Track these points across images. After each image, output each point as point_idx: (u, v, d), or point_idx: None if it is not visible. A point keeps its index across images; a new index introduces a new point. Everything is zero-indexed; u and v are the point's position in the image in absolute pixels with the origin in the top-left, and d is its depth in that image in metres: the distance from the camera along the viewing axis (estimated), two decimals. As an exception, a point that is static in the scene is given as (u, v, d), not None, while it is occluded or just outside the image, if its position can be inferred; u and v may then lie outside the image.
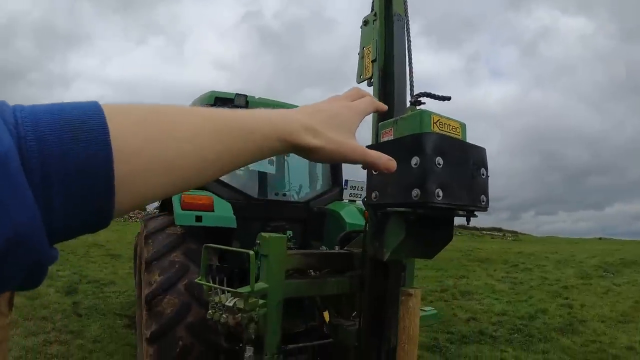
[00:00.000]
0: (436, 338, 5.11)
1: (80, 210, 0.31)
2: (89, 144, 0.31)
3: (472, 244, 17.29)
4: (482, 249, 14.89)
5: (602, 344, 4.97)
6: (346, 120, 0.53)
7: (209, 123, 0.40)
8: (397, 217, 1.86)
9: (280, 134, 0.45)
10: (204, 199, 2.84)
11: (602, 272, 10.04)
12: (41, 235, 0.29)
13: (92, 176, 0.31)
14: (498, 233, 25.60)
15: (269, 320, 1.93)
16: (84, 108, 0.32)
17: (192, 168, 0.39)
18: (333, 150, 0.50)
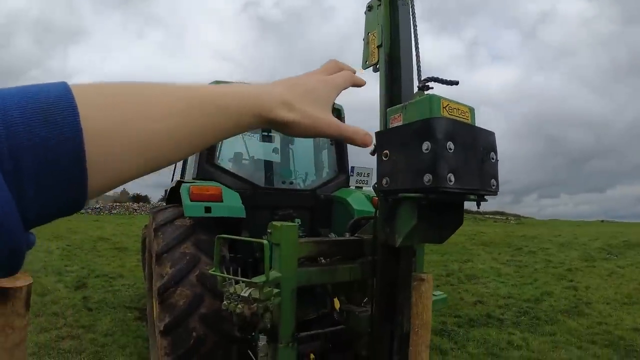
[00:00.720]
0: (444, 322, 5.16)
1: (53, 193, 0.31)
2: (59, 127, 0.30)
3: (475, 227, 17.35)
4: (486, 233, 14.95)
5: (607, 325, 5.01)
6: (322, 94, 0.53)
7: (182, 101, 0.40)
8: (409, 202, 1.87)
9: (255, 109, 0.45)
10: (213, 190, 2.83)
11: (606, 254, 10.09)
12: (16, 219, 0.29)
13: (64, 159, 0.30)
14: (501, 217, 25.71)
15: (283, 308, 1.95)
16: (52, 89, 0.32)
17: (166, 147, 0.38)
18: (308, 125, 0.50)
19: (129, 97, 0.37)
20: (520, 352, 4.22)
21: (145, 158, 0.37)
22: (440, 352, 4.20)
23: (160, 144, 0.37)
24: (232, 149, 3.85)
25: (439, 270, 8.54)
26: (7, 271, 0.32)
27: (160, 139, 0.37)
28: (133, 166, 0.36)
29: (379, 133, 2.01)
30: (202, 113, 0.41)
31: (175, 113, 0.38)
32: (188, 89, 0.41)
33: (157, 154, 0.38)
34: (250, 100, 0.45)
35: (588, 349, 4.28)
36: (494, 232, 15.51)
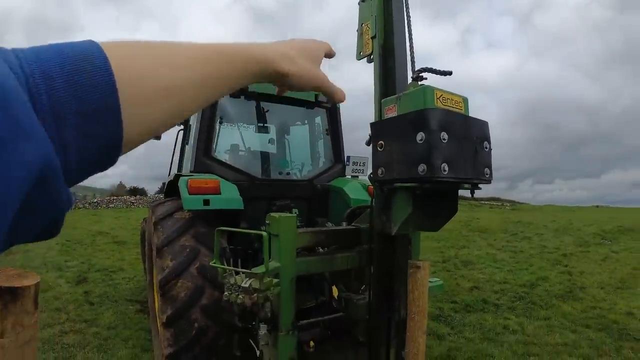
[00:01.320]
0: (441, 308, 5.24)
1: (92, 142, 0.32)
2: (92, 75, 0.32)
3: (471, 214, 17.45)
4: (482, 219, 15.05)
5: (601, 309, 5.09)
6: (315, 51, 0.61)
7: (198, 52, 0.43)
8: (404, 192, 1.91)
9: (259, 59, 0.50)
10: (211, 183, 2.86)
11: (600, 239, 10.20)
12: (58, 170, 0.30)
13: (99, 104, 0.32)
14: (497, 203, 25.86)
15: (283, 298, 1.99)
16: (82, 44, 0.34)
17: (189, 94, 0.41)
18: (303, 76, 0.56)
19: (152, 49, 0.40)
20: (516, 337, 4.30)
21: (171, 103, 0.40)
22: (437, 337, 4.28)
23: (184, 91, 0.41)
24: (229, 141, 3.87)
25: (436, 257, 8.62)
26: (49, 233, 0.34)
27: (184, 87, 0.40)
28: (161, 111, 0.39)
29: (374, 124, 2.04)
30: (215, 61, 0.45)
31: (193, 62, 0.42)
32: (200, 44, 0.45)
33: (182, 101, 0.41)
34: (254, 51, 0.50)
35: (582, 333, 4.36)
36: (490, 219, 15.61)
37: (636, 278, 6.52)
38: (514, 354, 3.88)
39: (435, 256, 8.72)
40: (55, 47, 0.32)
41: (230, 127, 3.85)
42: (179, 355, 2.63)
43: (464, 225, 13.24)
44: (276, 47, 0.54)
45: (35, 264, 7.51)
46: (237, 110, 3.78)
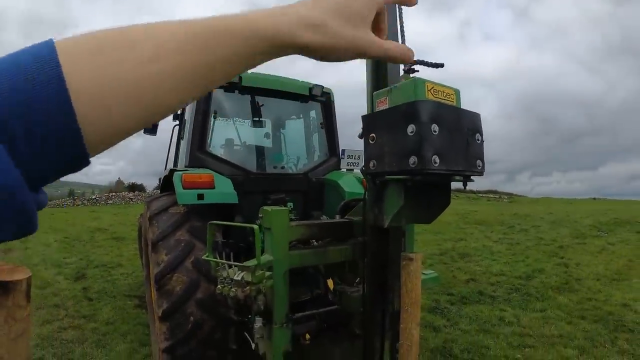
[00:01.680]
0: (437, 300, 5.27)
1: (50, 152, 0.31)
2: (44, 85, 0.30)
3: (468, 207, 17.49)
4: (479, 212, 15.09)
5: (597, 301, 5.12)
6: (359, 8, 0.44)
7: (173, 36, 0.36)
8: (396, 184, 1.92)
9: (267, 33, 0.39)
10: (205, 177, 2.87)
11: (597, 231, 10.23)
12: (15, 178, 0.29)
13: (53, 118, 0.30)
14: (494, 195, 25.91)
15: (276, 290, 2.01)
16: (36, 49, 0.31)
17: (164, 90, 0.35)
18: (342, 47, 0.43)
19: (115, 41, 0.34)
20: (512, 328, 4.33)
21: (142, 105, 0.35)
22: (434, 329, 4.31)
23: (157, 87, 0.35)
24: (223, 136, 3.88)
25: (433, 249, 8.66)
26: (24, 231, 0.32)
27: (156, 82, 0.35)
28: (131, 115, 0.34)
29: (365, 117, 2.05)
30: (201, 48, 0.36)
31: (166, 52, 0.35)
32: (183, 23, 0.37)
33: (155, 99, 0.35)
34: (261, 24, 0.39)
35: (578, 325, 4.39)
36: (487, 211, 15.65)
37: (632, 270, 6.56)
38: (510, 346, 3.92)
39: (432, 248, 8.75)
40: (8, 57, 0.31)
41: (225, 121, 3.85)
42: (175, 349, 2.65)
43: (461, 217, 13.28)
44: (292, 11, 0.40)
45: (34, 261, 7.53)
46: (231, 104, 3.78)
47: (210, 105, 3.48)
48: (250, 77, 3.54)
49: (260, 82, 3.59)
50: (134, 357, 3.68)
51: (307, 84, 3.84)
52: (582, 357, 3.65)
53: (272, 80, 3.69)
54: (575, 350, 3.77)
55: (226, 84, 3.48)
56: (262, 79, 3.62)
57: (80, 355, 3.65)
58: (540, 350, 3.81)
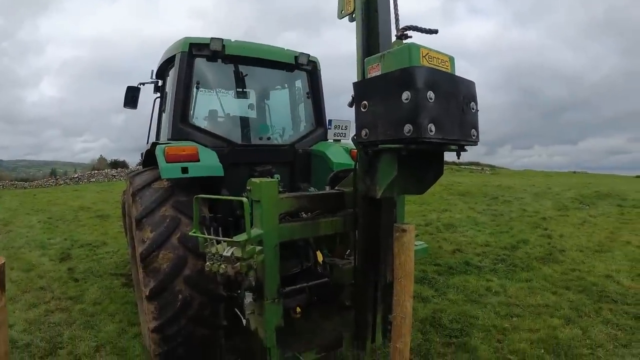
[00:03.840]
0: (424, 270, 5.32)
1: None
2: None
3: (452, 178, 17.58)
4: (462, 183, 15.13)
5: (581, 272, 5.21)
6: None
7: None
8: (389, 154, 1.85)
9: None
10: (188, 150, 2.77)
11: (578, 204, 10.37)
12: None
13: None
14: (477, 167, 26.16)
15: (267, 265, 1.95)
16: None
17: None
18: None
19: None
20: (499, 298, 4.40)
21: None
22: (422, 300, 4.35)
23: None
24: (207, 107, 3.75)
25: (418, 220, 8.69)
26: None
27: None
28: None
29: (356, 83, 1.97)
30: None
31: None
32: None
33: None
34: None
35: (562, 295, 4.48)
36: (470, 183, 15.65)
37: (613, 242, 6.66)
38: (497, 315, 3.98)
39: (417, 220, 8.78)
40: None
41: (209, 93, 3.72)
42: (164, 328, 2.60)
43: (445, 188, 13.31)
44: None
45: (17, 244, 7.35)
46: (214, 75, 3.64)
47: (193, 75, 3.34)
48: (234, 46, 3.40)
49: (244, 50, 3.45)
50: (123, 337, 3.63)
51: (293, 52, 3.71)
52: (569, 326, 3.73)
53: (256, 48, 3.55)
54: (562, 319, 3.84)
55: (209, 52, 3.34)
56: (246, 47, 3.48)
57: (68, 338, 3.59)
58: (527, 319, 3.87)
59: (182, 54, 3.29)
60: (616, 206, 9.85)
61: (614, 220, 8.33)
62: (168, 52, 3.67)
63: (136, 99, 4.61)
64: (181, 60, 3.29)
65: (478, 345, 3.38)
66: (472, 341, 3.44)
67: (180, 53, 3.30)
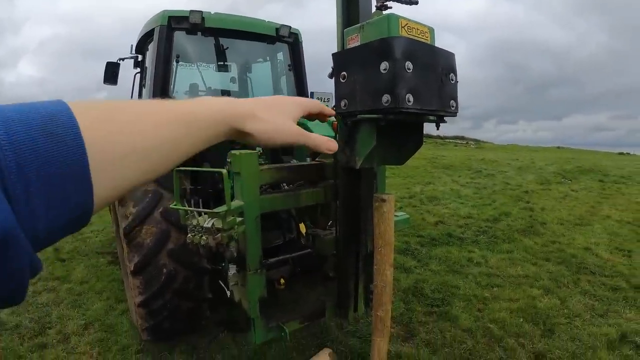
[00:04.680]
0: (407, 242, 5.41)
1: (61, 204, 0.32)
2: (61, 139, 0.31)
3: (436, 151, 17.68)
4: (447, 157, 15.23)
5: (561, 244, 5.35)
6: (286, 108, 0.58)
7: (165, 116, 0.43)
8: (368, 124, 1.86)
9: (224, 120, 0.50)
10: None
11: (561, 178, 10.54)
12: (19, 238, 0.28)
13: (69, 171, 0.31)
14: (461, 141, 26.29)
15: (249, 236, 1.97)
16: (51, 105, 0.33)
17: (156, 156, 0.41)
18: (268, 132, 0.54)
19: (121, 111, 0.39)
20: (480, 269, 4.52)
21: (141, 166, 0.39)
22: (404, 270, 4.45)
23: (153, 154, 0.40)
24: (187, 81, 3.68)
25: (402, 193, 8.77)
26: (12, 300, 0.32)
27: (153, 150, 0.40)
28: (131, 174, 0.38)
29: (336, 54, 1.95)
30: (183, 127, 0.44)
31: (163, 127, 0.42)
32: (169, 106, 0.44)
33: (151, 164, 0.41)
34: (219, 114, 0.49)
35: (543, 266, 4.61)
36: (455, 156, 15.74)
37: (593, 216, 6.82)
38: (478, 285, 4.10)
39: (401, 192, 8.86)
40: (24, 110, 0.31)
41: (189, 66, 3.66)
42: (150, 302, 2.63)
43: (429, 162, 13.40)
44: (240, 104, 0.52)
45: None
46: (195, 48, 3.57)
47: (172, 49, 3.27)
48: (214, 18, 3.33)
49: (225, 22, 3.37)
50: (111, 314, 3.65)
51: (274, 24, 3.64)
52: (547, 296, 3.85)
53: (237, 20, 3.48)
54: (541, 290, 3.97)
55: (188, 25, 3.26)
56: (226, 19, 3.41)
57: (57, 318, 3.60)
58: (508, 289, 3.99)
59: (160, 27, 3.21)
60: (598, 181, 10.06)
61: (595, 195, 8.52)
62: (147, 25, 3.58)
63: (116, 75, 4.50)
64: (160, 33, 3.21)
65: (459, 314, 3.48)
66: (453, 310, 3.54)
67: (159, 27, 3.22)
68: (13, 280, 0.30)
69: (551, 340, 3.10)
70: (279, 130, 0.55)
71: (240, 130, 0.52)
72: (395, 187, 9.37)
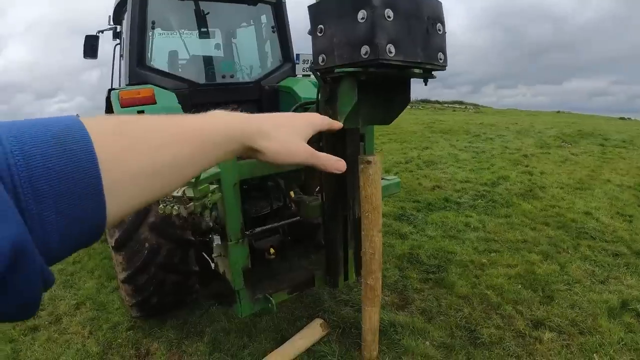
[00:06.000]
0: (403, 207, 5.32)
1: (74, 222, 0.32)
2: (75, 155, 0.31)
3: (434, 116, 17.43)
4: (445, 121, 15.00)
5: (560, 208, 5.22)
6: (298, 127, 0.59)
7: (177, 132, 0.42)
8: (348, 79, 1.72)
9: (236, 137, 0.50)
10: (144, 92, 2.60)
11: (560, 142, 10.37)
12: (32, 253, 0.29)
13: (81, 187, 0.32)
14: (460, 106, 25.97)
15: (227, 204, 1.87)
16: (65, 121, 0.33)
17: (169, 172, 0.41)
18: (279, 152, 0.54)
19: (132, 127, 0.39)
20: (477, 234, 4.43)
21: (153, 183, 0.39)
22: (400, 236, 4.38)
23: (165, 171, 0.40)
24: (166, 48, 3.52)
25: (398, 158, 8.62)
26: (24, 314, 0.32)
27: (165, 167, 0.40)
28: (143, 191, 0.39)
29: (311, 6, 1.80)
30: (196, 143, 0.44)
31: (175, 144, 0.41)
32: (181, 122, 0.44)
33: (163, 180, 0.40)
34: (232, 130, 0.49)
35: (542, 230, 4.50)
36: (453, 121, 15.46)
37: (594, 180, 6.66)
38: (475, 251, 4.02)
39: (397, 157, 8.72)
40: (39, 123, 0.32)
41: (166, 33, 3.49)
42: (134, 278, 2.57)
43: (427, 126, 13.15)
44: (253, 121, 0.53)
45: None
46: (171, 13, 3.39)
47: (147, 15, 3.10)
48: None
49: None
50: (102, 292, 3.62)
51: None
52: (546, 262, 3.77)
53: None
54: (540, 255, 3.88)
55: None
56: None
57: (49, 299, 3.56)
58: (506, 255, 3.91)
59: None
60: (598, 145, 9.89)
61: (595, 159, 8.36)
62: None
63: (95, 49, 4.32)
64: (134, 0, 3.05)
65: (455, 280, 3.42)
66: (450, 277, 3.48)
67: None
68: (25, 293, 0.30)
69: (550, 307, 3.04)
70: (289, 150, 0.55)
71: (251, 147, 0.52)
72: (391, 152, 9.23)
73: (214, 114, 0.50)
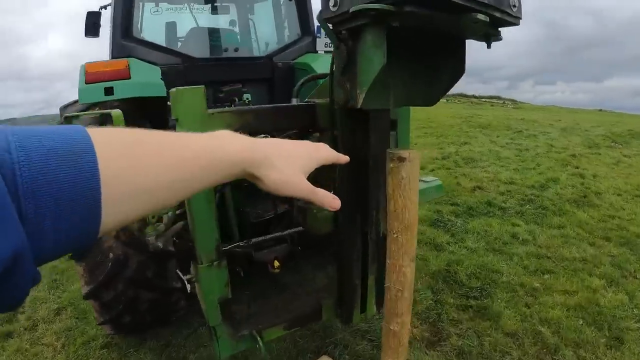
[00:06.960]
0: (439, 211, 4.66)
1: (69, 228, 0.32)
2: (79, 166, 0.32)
3: (471, 110, 16.49)
4: (483, 116, 14.08)
5: (621, 220, 4.46)
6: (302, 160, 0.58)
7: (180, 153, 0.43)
8: (373, 30, 1.10)
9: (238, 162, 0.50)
10: (115, 65, 2.10)
11: (610, 142, 9.47)
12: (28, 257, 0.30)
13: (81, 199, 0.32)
14: (498, 101, 24.85)
15: (195, 214, 1.30)
16: (71, 132, 0.34)
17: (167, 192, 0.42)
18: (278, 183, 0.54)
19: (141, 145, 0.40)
20: (527, 248, 3.74)
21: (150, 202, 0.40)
22: (435, 248, 3.73)
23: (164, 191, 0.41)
24: (157, 18, 3.02)
25: (433, 153, 7.92)
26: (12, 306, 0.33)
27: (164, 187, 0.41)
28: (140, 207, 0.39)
29: None
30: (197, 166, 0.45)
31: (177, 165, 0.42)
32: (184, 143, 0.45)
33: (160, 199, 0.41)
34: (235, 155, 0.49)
35: (602, 247, 3.78)
36: (492, 115, 14.48)
37: (654, 186, 5.82)
38: (525, 270, 3.34)
39: (432, 152, 8.00)
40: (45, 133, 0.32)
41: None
42: (98, 294, 2.10)
43: (465, 121, 12.31)
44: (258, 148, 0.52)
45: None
46: None
47: None
48: None
49: None
50: (85, 297, 3.23)
51: None
52: (611, 289, 3.07)
53: None
54: (603, 280, 3.18)
55: None
56: None
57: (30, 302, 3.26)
58: (562, 277, 3.22)
59: None
60: (653, 146, 8.90)
61: (652, 162, 7.43)
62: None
63: (98, 26, 3.88)
64: None
65: (502, 310, 2.77)
66: (495, 305, 2.83)
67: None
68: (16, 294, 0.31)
69: (620, 354, 2.39)
70: (289, 182, 0.55)
71: (253, 174, 0.52)
72: (426, 147, 8.48)
73: (220, 135, 0.50)
